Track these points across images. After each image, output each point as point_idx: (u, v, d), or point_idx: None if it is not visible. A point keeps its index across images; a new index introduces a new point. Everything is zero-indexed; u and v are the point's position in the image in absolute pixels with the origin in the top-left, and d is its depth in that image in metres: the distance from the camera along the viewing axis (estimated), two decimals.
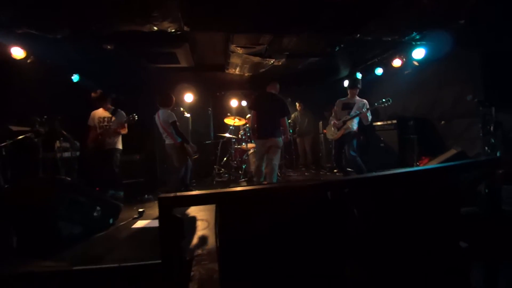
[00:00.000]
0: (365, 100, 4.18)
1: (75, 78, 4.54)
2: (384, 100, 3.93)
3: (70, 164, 3.95)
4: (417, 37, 3.79)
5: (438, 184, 1.60)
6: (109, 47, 3.61)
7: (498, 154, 3.43)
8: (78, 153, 4.22)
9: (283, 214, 1.29)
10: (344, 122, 4.10)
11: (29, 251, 2.26)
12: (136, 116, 3.92)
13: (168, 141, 3.94)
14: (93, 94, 3.93)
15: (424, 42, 4.02)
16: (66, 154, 3.96)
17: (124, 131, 4.04)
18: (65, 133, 3.94)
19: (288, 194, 1.29)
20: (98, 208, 2.75)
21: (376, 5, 2.87)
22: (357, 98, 4.21)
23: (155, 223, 2.97)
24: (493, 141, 3.53)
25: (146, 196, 4.40)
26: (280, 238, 1.27)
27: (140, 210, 3.38)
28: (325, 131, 6.15)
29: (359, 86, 4.24)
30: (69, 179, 2.67)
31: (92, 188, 3.46)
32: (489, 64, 3.69)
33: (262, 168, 3.71)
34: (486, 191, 2.78)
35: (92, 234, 2.60)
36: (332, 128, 4.30)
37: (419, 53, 4.15)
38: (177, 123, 3.89)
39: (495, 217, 1.80)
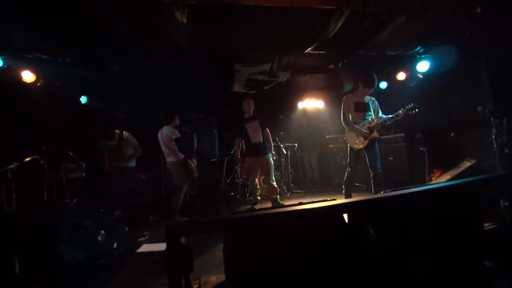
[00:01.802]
0: (372, 97, 3.68)
1: (83, 99, 4.62)
2: (411, 105, 3.45)
3: (76, 186, 3.92)
4: (421, 50, 3.80)
5: (457, 201, 1.51)
6: (116, 69, 3.68)
7: None
8: (83, 174, 4.20)
9: (296, 239, 1.21)
10: (372, 130, 3.49)
11: (31, 276, 2.18)
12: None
13: (170, 158, 3.89)
14: (96, 129, 3.99)
15: (428, 55, 4.02)
16: (72, 175, 3.95)
17: (139, 153, 4.12)
18: (71, 154, 3.94)
19: (301, 217, 1.22)
20: (102, 232, 2.67)
21: (379, 21, 2.89)
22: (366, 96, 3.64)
23: (161, 247, 2.86)
24: (507, 151, 3.43)
25: (151, 217, 4.30)
26: (293, 264, 1.19)
27: (145, 232, 3.28)
28: (332, 145, 6.09)
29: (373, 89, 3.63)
30: (73, 202, 2.63)
31: (97, 210, 3.41)
32: (497, 72, 3.65)
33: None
34: (506, 204, 2.65)
35: (96, 259, 2.50)
36: (357, 136, 3.56)
37: (423, 66, 4.15)
38: (180, 139, 3.90)
39: None
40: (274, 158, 4.51)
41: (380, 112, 3.66)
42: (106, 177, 3.94)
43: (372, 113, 3.60)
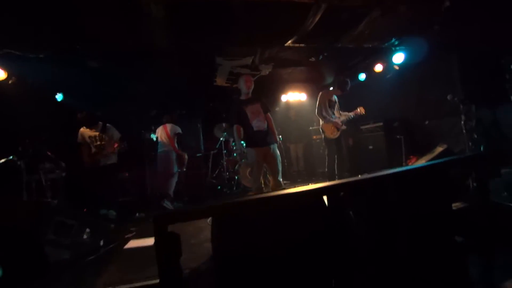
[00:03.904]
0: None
1: (59, 97, 4.44)
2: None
3: (56, 186, 3.80)
4: (396, 42, 3.96)
5: (429, 182, 1.63)
6: (93, 64, 3.57)
7: (481, 148, 3.57)
8: (64, 174, 4.07)
9: (281, 224, 1.27)
10: (343, 122, 4.22)
11: (14, 279, 2.13)
12: (126, 144, 3.98)
13: (167, 148, 4.44)
14: (79, 116, 3.83)
15: (403, 47, 4.19)
16: (52, 175, 3.81)
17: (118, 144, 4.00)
18: (49, 153, 3.81)
19: (284, 202, 1.28)
20: (87, 230, 2.64)
21: (356, 15, 2.99)
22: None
23: (148, 242, 2.87)
24: (475, 136, 3.68)
25: (137, 214, 4.27)
26: (279, 247, 1.25)
27: (132, 229, 3.27)
28: (315, 136, 6.24)
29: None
30: (55, 201, 2.57)
31: (80, 209, 3.35)
32: (466, 63, 3.87)
33: None
34: (474, 184, 2.86)
35: (82, 258, 2.48)
36: (332, 127, 4.16)
37: (399, 58, 4.32)
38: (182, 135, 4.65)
39: (484, 209, 1.85)
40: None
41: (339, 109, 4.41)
42: (87, 176, 3.83)
43: (336, 110, 4.31)
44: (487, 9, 3.11)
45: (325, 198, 1.33)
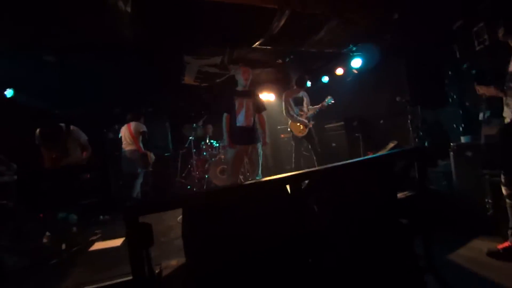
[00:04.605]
0: (305, 92, 4.50)
1: (9, 93, 4.07)
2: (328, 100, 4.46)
3: (8, 190, 3.48)
4: (354, 49, 4.32)
5: (378, 172, 1.87)
6: (50, 59, 3.35)
7: (426, 144, 4.05)
8: (15, 177, 3.74)
9: (248, 214, 1.38)
10: (308, 120, 4.35)
11: None
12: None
13: (131, 147, 4.26)
14: (37, 132, 3.50)
15: (360, 53, 4.58)
16: (3, 179, 3.49)
17: (88, 152, 3.89)
18: None
19: (253, 191, 1.40)
20: (47, 234, 2.51)
21: (317, 22, 3.23)
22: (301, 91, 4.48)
23: (114, 243, 2.81)
24: (421, 133, 4.17)
25: (101, 217, 4.09)
26: (249, 238, 1.34)
27: (97, 231, 3.15)
28: (283, 135, 6.50)
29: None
30: (11, 204, 2.40)
31: (37, 213, 3.13)
32: (412, 69, 4.36)
33: None
34: (417, 175, 3.25)
35: (43, 263, 2.35)
36: (299, 125, 4.34)
37: (356, 63, 4.72)
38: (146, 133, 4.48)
39: (424, 195, 2.15)
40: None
41: (309, 104, 4.51)
42: (44, 178, 3.57)
43: (305, 106, 4.42)
44: (429, 23, 3.55)
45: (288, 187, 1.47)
